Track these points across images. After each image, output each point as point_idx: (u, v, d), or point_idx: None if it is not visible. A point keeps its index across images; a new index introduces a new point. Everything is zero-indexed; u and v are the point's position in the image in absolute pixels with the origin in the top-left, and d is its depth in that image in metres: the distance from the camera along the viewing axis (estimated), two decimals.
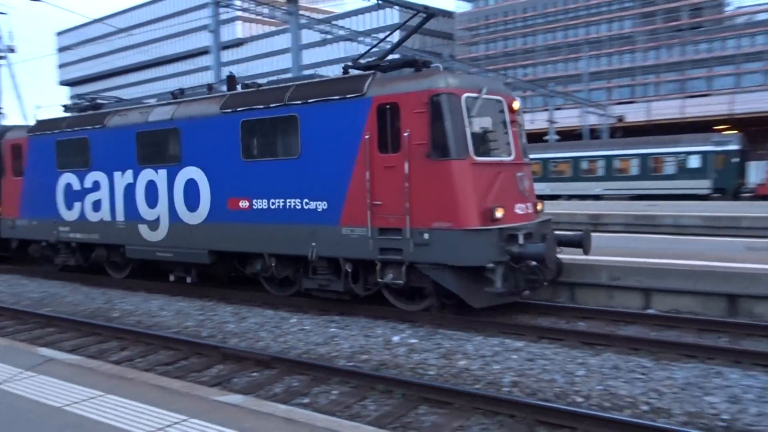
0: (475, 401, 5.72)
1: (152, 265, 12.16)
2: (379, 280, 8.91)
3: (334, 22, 32.16)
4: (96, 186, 12.49)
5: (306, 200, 9.49)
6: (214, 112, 10.56)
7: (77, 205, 12.87)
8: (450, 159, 8.23)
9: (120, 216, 12.06)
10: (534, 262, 8.05)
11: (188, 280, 11.48)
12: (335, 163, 9.15)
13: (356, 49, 27.59)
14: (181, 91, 12.18)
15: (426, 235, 8.30)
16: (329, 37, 29.21)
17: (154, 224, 11.49)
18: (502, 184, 8.50)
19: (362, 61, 9.82)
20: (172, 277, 11.77)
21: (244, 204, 10.20)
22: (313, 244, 9.35)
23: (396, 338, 8.06)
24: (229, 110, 10.31)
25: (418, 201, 8.36)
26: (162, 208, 11.32)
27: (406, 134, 8.42)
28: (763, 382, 6.07)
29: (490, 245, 8.06)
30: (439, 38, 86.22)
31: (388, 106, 8.65)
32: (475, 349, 7.44)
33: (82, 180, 12.77)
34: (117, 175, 12.06)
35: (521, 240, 8.13)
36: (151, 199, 11.47)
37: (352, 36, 30.21)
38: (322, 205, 9.32)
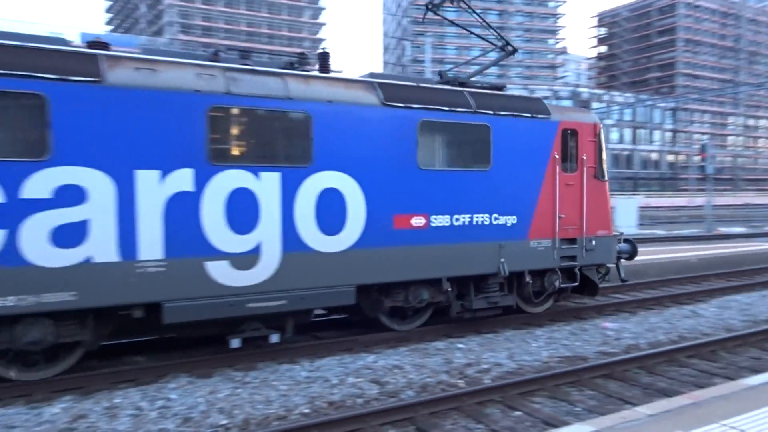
0: None
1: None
2: (562, 285, 10.30)
3: None
4: (68, 196, 6.52)
5: (495, 215, 9.36)
6: (371, 102, 8.32)
7: None
8: (606, 180, 10.70)
9: (151, 251, 6.89)
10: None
11: (273, 339, 7.92)
12: (525, 177, 9.60)
13: None
14: (301, 57, 8.38)
15: (593, 242, 10.40)
16: None
17: (245, 258, 7.41)
18: None
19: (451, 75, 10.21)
20: (236, 343, 7.62)
21: (418, 222, 8.68)
22: (502, 260, 9.39)
23: None
24: (400, 105, 8.52)
25: (589, 214, 10.27)
26: (269, 232, 7.56)
27: (584, 157, 10.24)
28: None
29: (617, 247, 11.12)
30: None
31: (569, 132, 10.13)
32: None
33: (14, 184, 6.29)
34: (145, 177, 6.88)
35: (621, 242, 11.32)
36: (242, 219, 7.40)
37: None
38: (511, 220, 9.49)
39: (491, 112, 9.38)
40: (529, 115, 9.79)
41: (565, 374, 7.51)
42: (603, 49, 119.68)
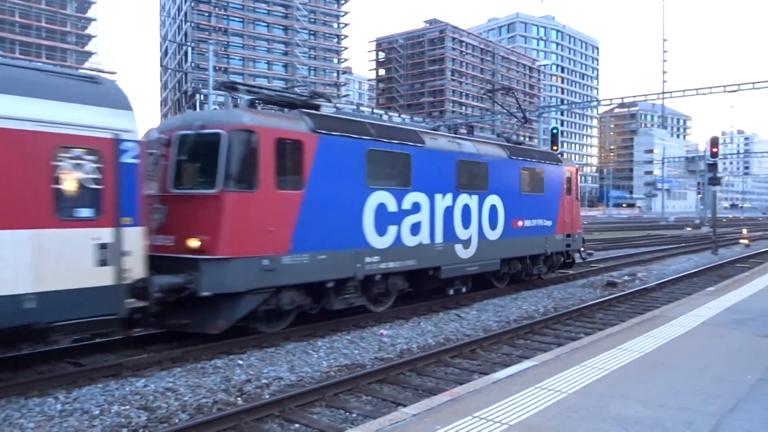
0: None
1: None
2: (566, 261, 18.36)
3: None
4: (416, 208, 12.30)
5: (543, 220, 16.49)
6: (504, 155, 15.18)
7: (394, 228, 11.73)
8: (578, 199, 18.96)
9: (439, 238, 12.84)
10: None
11: (464, 290, 14.28)
12: (553, 198, 17.09)
13: None
14: (470, 129, 16.60)
15: (576, 236, 18.19)
16: None
17: (466, 243, 13.70)
18: None
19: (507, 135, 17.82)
20: (451, 291, 13.94)
21: (520, 223, 15.49)
22: (547, 246, 16.71)
23: None
24: (514, 157, 15.52)
25: (574, 219, 18.16)
26: (474, 228, 13.91)
27: (573, 187, 18.23)
28: None
29: None
30: None
31: (567, 173, 17.93)
32: None
33: (398, 200, 11.82)
34: (438, 197, 12.83)
35: None
36: (466, 221, 13.65)
37: None
38: (548, 223, 16.73)
39: (544, 161, 16.91)
40: (555, 163, 17.49)
41: (343, 383, 7.70)
42: (382, 72, 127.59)
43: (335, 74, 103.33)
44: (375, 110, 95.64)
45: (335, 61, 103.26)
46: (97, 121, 7.51)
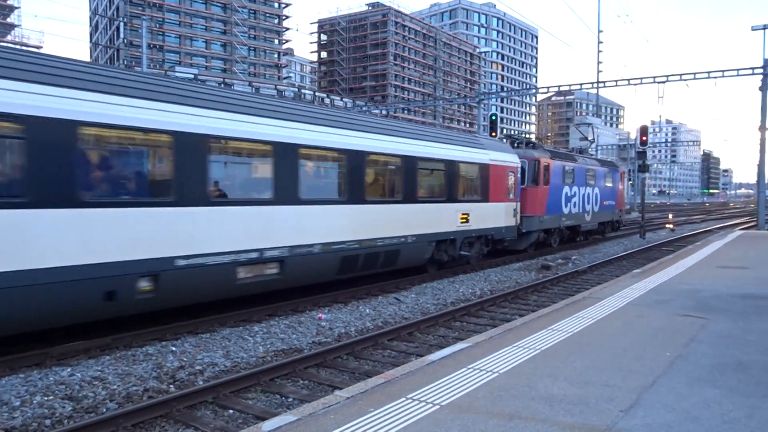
0: None
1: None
2: (618, 226, 31.21)
3: None
4: (575, 194, 24.00)
5: (612, 201, 28.98)
6: (599, 165, 27.68)
7: (568, 204, 23.44)
8: (623, 188, 32.89)
9: (580, 210, 24.63)
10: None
11: (582, 239, 26.55)
12: (616, 188, 29.73)
13: None
14: (581, 150, 30.11)
15: (621, 211, 31.41)
16: None
17: (587, 213, 25.62)
18: None
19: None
20: (578, 239, 26.07)
21: (605, 202, 27.72)
22: (613, 216, 29.51)
23: None
24: (603, 166, 28.13)
25: (622, 200, 31.59)
26: (590, 205, 25.79)
27: (623, 181, 32.28)
28: None
29: None
30: None
31: (621, 172, 31.37)
32: None
33: (570, 190, 23.56)
34: (581, 188, 24.67)
35: None
36: (588, 201, 25.42)
37: None
38: (611, 202, 28.97)
39: (612, 167, 29.89)
40: (616, 167, 30.48)
41: (279, 367, 7.64)
42: (324, 54, 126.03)
43: (276, 55, 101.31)
44: (317, 93, 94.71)
45: (276, 42, 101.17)
46: (513, 160, 19.20)
